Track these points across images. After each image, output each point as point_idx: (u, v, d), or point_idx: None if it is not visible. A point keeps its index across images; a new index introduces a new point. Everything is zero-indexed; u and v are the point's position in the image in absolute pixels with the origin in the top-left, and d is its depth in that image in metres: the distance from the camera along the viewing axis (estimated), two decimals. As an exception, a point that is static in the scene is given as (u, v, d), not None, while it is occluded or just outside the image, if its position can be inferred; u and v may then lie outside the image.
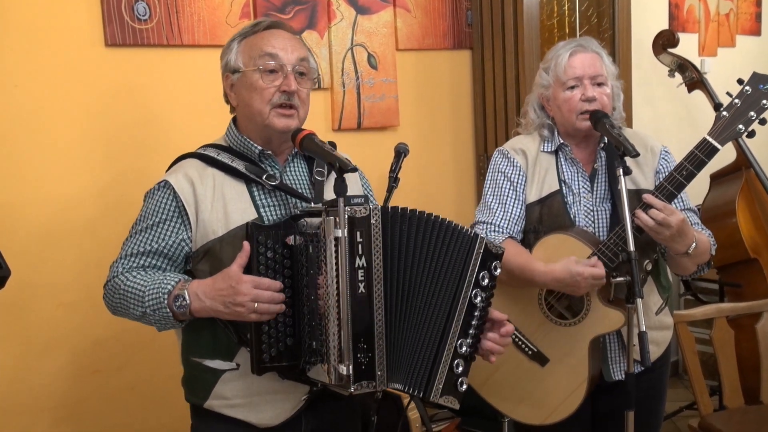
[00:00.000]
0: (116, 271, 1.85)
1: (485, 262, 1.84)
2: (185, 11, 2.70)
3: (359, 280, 1.66)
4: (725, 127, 2.15)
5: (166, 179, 1.86)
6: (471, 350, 1.83)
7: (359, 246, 1.67)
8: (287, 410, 1.86)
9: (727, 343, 2.98)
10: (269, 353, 1.71)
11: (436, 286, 1.79)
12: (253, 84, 1.86)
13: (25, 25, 2.40)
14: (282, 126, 1.86)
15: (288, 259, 1.73)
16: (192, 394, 1.92)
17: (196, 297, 1.73)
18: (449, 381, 1.79)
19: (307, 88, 1.91)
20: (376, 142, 3.29)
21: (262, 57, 1.85)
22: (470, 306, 1.82)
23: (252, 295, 1.67)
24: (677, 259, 2.21)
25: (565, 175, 2.32)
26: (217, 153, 1.90)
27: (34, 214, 2.46)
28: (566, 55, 2.28)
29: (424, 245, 1.78)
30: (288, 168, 1.94)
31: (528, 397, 2.32)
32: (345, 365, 1.64)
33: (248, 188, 1.86)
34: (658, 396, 2.40)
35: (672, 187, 2.13)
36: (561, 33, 3.79)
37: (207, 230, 1.82)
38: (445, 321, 1.80)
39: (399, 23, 3.35)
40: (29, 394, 2.48)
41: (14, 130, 2.41)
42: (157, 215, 1.84)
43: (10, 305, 2.38)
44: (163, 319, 1.77)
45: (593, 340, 2.24)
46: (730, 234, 3.65)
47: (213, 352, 1.84)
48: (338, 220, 1.64)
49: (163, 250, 1.83)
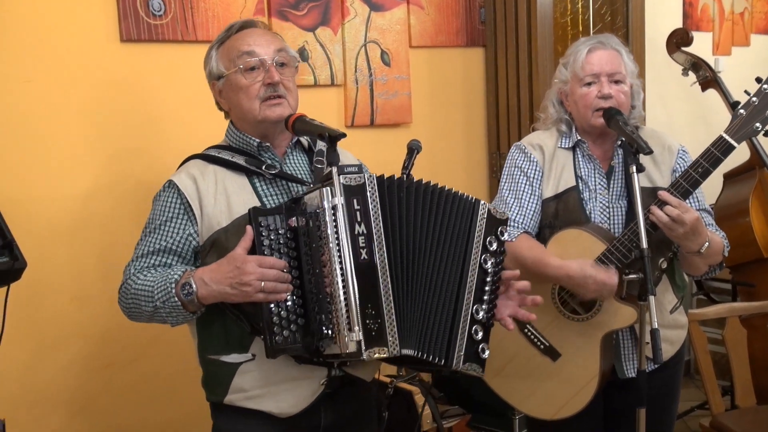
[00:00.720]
0: (128, 273, 1.88)
1: (490, 226, 1.86)
2: (200, 7, 2.71)
3: (360, 246, 1.67)
4: (742, 125, 2.14)
5: (170, 179, 1.91)
6: (488, 315, 1.85)
7: (357, 213, 1.68)
8: (306, 397, 1.87)
9: (739, 342, 2.97)
10: (282, 335, 1.72)
11: (443, 253, 1.81)
12: (238, 84, 1.90)
13: (40, 21, 2.41)
14: (275, 115, 1.89)
15: (292, 240, 1.75)
16: (212, 392, 1.93)
17: (202, 282, 1.75)
18: (470, 348, 1.81)
19: (290, 76, 1.94)
20: (389, 138, 3.29)
21: (241, 57, 1.89)
22: (481, 271, 1.84)
23: (258, 273, 1.69)
24: (689, 258, 2.20)
25: (581, 171, 2.32)
26: (217, 152, 1.95)
27: (48, 209, 2.47)
28: (585, 51, 2.28)
29: (425, 212, 1.80)
30: (287, 159, 1.97)
31: (538, 391, 2.32)
32: (354, 332, 1.64)
33: (250, 180, 1.90)
34: (671, 394, 2.40)
35: (687, 185, 2.13)
36: (574, 31, 3.79)
37: (212, 222, 1.85)
38: (457, 288, 1.82)
39: (412, 20, 3.35)
40: (42, 387, 2.49)
41: (29, 125, 2.42)
42: (164, 214, 1.88)
43: (23, 300, 2.39)
44: (174, 311, 1.78)
45: (605, 336, 2.23)
46: (743, 233, 3.63)
47: (227, 346, 1.86)
48: (334, 189, 1.66)
49: (171, 247, 1.86)
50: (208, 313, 1.83)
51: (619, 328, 2.24)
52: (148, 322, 1.87)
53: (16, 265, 1.76)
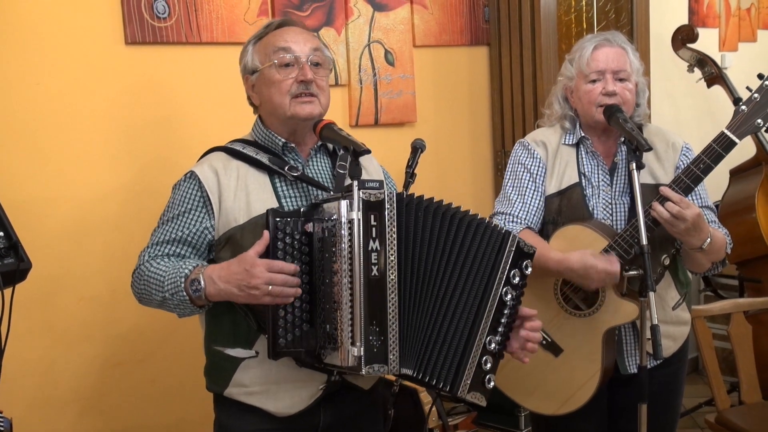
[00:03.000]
0: (143, 258, 1.90)
1: (516, 260, 1.85)
2: (204, 9, 2.74)
3: (372, 262, 1.67)
4: (744, 121, 2.14)
5: (193, 170, 1.91)
6: (500, 347, 1.84)
7: (373, 229, 1.67)
8: (304, 399, 1.88)
9: (744, 338, 2.97)
10: (285, 338, 1.72)
11: (462, 280, 1.80)
12: (271, 79, 1.90)
13: (46, 24, 2.44)
14: (305, 113, 1.89)
15: (306, 245, 1.75)
16: (213, 382, 1.96)
17: (211, 281, 1.75)
18: (477, 377, 1.81)
19: (324, 76, 1.93)
20: (393, 138, 3.30)
21: (276, 52, 1.90)
22: (500, 303, 1.83)
23: (266, 278, 1.68)
24: (692, 255, 2.21)
25: (585, 168, 2.33)
26: (242, 147, 1.95)
27: (58, 210, 2.50)
28: (590, 48, 2.29)
29: (443, 234, 1.79)
30: (311, 161, 1.97)
31: (541, 387, 2.33)
32: (356, 347, 1.64)
33: (271, 180, 1.90)
34: (675, 391, 2.40)
35: (689, 180, 2.13)
36: (579, 29, 3.79)
37: (229, 218, 1.86)
38: (474, 317, 1.81)
39: (416, 20, 3.36)
40: (53, 386, 2.52)
41: (37, 127, 2.45)
42: (183, 205, 1.89)
43: (34, 299, 2.42)
44: (181, 304, 1.80)
45: (607, 331, 2.24)
46: (750, 229, 3.63)
47: (234, 340, 1.87)
48: (352, 203, 1.65)
49: (187, 238, 1.88)
50: (219, 305, 1.84)
51: (620, 324, 2.24)
52: (158, 308, 1.88)
53: (22, 266, 1.76)
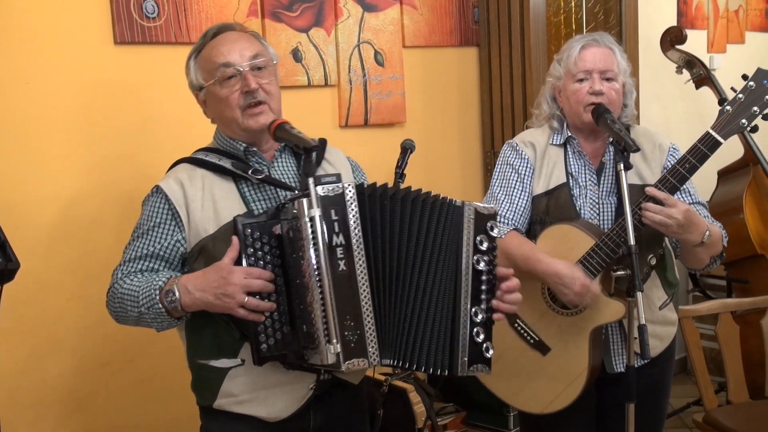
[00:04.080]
0: (116, 277, 1.89)
1: (479, 225, 1.84)
2: (193, 9, 2.73)
3: (339, 257, 1.66)
4: (728, 121, 2.16)
5: (158, 185, 1.91)
6: (487, 315, 1.84)
7: (335, 224, 1.67)
8: (296, 401, 1.88)
9: (732, 338, 2.98)
10: (267, 343, 1.72)
11: (434, 261, 1.80)
12: (218, 96, 1.90)
13: (35, 23, 2.44)
14: (258, 125, 1.88)
15: (277, 248, 1.74)
16: (201, 396, 1.94)
17: (186, 290, 1.74)
18: (473, 351, 1.81)
19: (270, 78, 1.92)
20: (383, 138, 3.31)
21: (217, 69, 1.88)
22: (475, 273, 1.82)
23: (243, 284, 1.68)
24: (693, 251, 2.21)
25: (572, 168, 2.34)
26: (205, 155, 1.94)
27: (45, 210, 2.49)
28: (578, 48, 2.30)
29: (411, 221, 1.78)
30: (276, 163, 1.96)
31: (529, 385, 2.34)
32: (333, 344, 1.64)
33: (237, 185, 1.89)
34: (661, 391, 2.41)
35: (675, 180, 2.15)
36: (568, 30, 3.81)
37: (199, 229, 1.85)
38: (453, 294, 1.81)
39: (406, 20, 3.37)
40: (39, 386, 2.51)
41: (25, 126, 2.44)
42: (152, 219, 1.88)
43: (21, 299, 2.41)
44: (158, 317, 1.79)
45: (594, 330, 2.25)
46: (738, 230, 3.65)
47: (218, 352, 1.86)
48: (310, 200, 1.65)
49: (159, 253, 1.86)
50: (197, 318, 1.83)
51: (607, 323, 2.26)
52: (135, 325, 1.88)
53: (9, 266, 1.76)
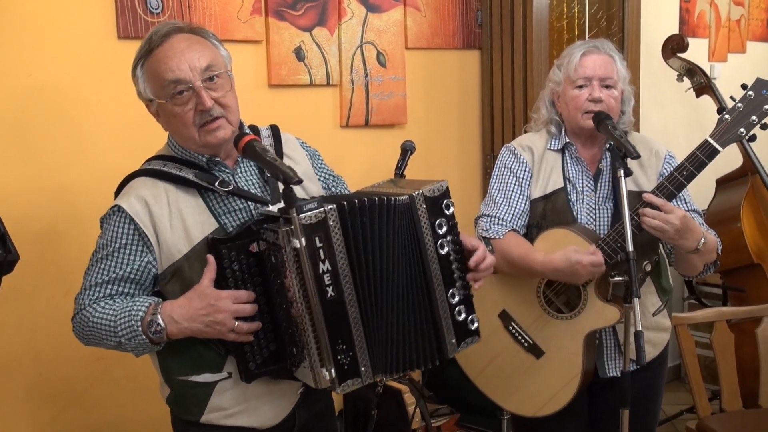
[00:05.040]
0: (82, 303, 1.78)
1: (432, 209, 1.78)
2: (197, 6, 2.74)
3: (326, 284, 1.63)
4: (727, 129, 2.17)
5: (119, 204, 1.78)
6: (464, 291, 1.82)
7: (320, 251, 1.62)
8: (286, 407, 1.87)
9: (727, 346, 2.99)
10: (255, 362, 1.71)
11: (403, 263, 1.76)
12: (171, 113, 1.77)
13: (39, 16, 2.44)
14: (217, 141, 1.78)
15: (255, 267, 1.70)
16: (185, 411, 1.87)
17: (172, 321, 1.68)
18: (459, 330, 1.81)
19: (225, 90, 1.79)
20: (384, 139, 3.32)
21: (168, 86, 1.74)
22: (441, 258, 1.79)
23: (232, 310, 1.65)
24: (686, 257, 2.22)
25: (569, 173, 2.35)
26: (162, 164, 1.82)
27: (44, 202, 2.49)
28: (579, 54, 2.31)
29: (382, 230, 1.73)
30: (239, 169, 1.86)
31: (522, 388, 2.35)
32: (327, 370, 1.63)
33: (203, 198, 1.79)
34: (653, 396, 2.42)
35: (672, 187, 2.16)
36: (570, 35, 3.81)
37: (171, 250, 1.75)
38: (425, 286, 1.78)
39: (409, 22, 3.38)
40: (34, 379, 2.52)
41: (26, 119, 2.45)
42: (116, 241, 1.76)
43: (18, 292, 2.41)
44: (140, 346, 1.73)
45: (588, 334, 2.26)
46: (735, 239, 3.66)
47: (198, 367, 1.80)
48: (294, 230, 1.59)
49: (129, 276, 1.76)
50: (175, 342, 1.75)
51: (602, 327, 2.27)
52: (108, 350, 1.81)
53: (9, 258, 1.77)
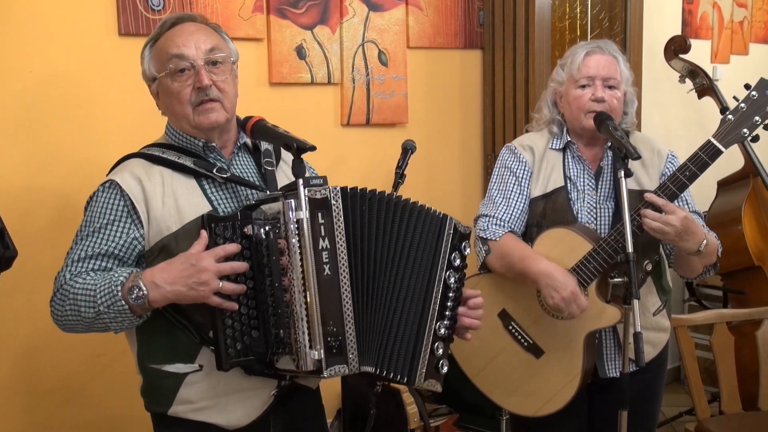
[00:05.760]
0: (63, 279, 1.74)
1: (455, 242, 1.82)
2: (199, 3, 2.74)
3: (324, 261, 1.62)
4: (730, 130, 2.16)
5: (111, 178, 1.78)
6: (449, 332, 1.82)
7: (321, 227, 1.63)
8: (257, 408, 1.82)
9: (726, 348, 2.99)
10: (234, 347, 1.66)
11: (408, 269, 1.76)
12: (169, 89, 1.80)
13: (40, 13, 2.44)
14: (208, 123, 1.80)
15: (248, 249, 1.68)
16: (154, 402, 1.84)
17: (153, 285, 1.65)
18: (431, 364, 1.78)
19: (225, 75, 1.82)
20: (384, 138, 3.32)
21: (170, 60, 1.78)
22: (445, 288, 1.80)
23: (215, 269, 1.62)
24: (687, 259, 2.22)
25: (570, 172, 2.34)
26: (161, 151, 1.84)
27: (46, 198, 2.50)
28: (582, 54, 2.31)
29: (388, 225, 1.74)
30: (234, 160, 1.88)
31: (521, 388, 2.34)
32: (316, 350, 1.60)
33: (198, 183, 1.80)
34: (653, 398, 2.41)
35: (675, 187, 2.15)
36: (572, 35, 3.80)
37: (160, 227, 1.75)
38: (422, 304, 1.78)
39: (411, 21, 3.37)
40: (34, 375, 2.52)
41: (28, 115, 2.45)
42: (104, 216, 1.76)
43: (19, 287, 2.41)
44: (119, 315, 1.67)
45: (588, 334, 2.25)
46: (736, 241, 3.65)
47: (172, 356, 1.77)
48: (299, 202, 1.60)
49: (113, 252, 1.74)
50: (151, 321, 1.74)
51: (602, 328, 2.26)
52: (87, 331, 1.75)
53: (7, 253, 1.77)
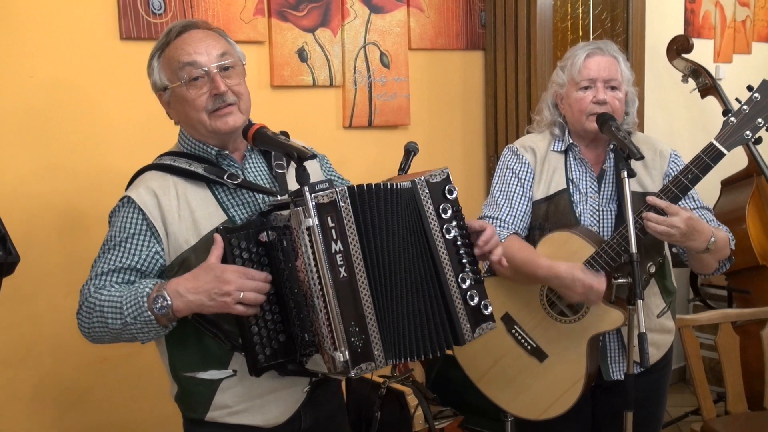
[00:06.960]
0: (88, 292, 1.78)
1: (436, 195, 1.81)
2: (200, 6, 2.74)
3: (339, 264, 1.65)
4: (732, 132, 2.15)
5: (128, 195, 1.81)
6: (475, 276, 1.83)
7: (332, 231, 1.65)
8: (291, 405, 1.86)
9: (731, 348, 2.98)
10: (264, 353, 1.70)
11: (410, 248, 1.77)
12: (184, 98, 1.81)
13: (41, 17, 2.44)
14: (227, 127, 1.82)
15: (264, 256, 1.71)
16: (189, 409, 1.88)
17: (177, 294, 1.67)
18: (473, 315, 1.81)
19: (238, 78, 1.84)
20: (387, 140, 3.31)
21: (183, 69, 1.79)
22: (448, 243, 1.80)
23: (238, 283, 1.64)
24: (699, 258, 2.21)
25: (573, 174, 2.33)
26: (173, 160, 1.86)
27: (48, 203, 2.49)
28: (583, 56, 2.30)
29: (389, 214, 1.76)
30: (246, 164, 1.89)
31: (525, 391, 2.34)
32: (341, 352, 1.63)
33: (212, 191, 1.82)
34: (657, 399, 2.40)
35: (677, 190, 2.14)
36: (574, 36, 3.80)
37: (179, 241, 1.78)
38: (435, 272, 1.79)
39: (412, 23, 3.37)
40: (37, 381, 2.52)
41: (29, 119, 2.44)
42: (125, 231, 1.78)
43: (21, 292, 2.41)
44: (145, 326, 1.70)
45: (592, 338, 2.25)
46: (740, 240, 3.60)
47: (205, 363, 1.81)
48: (306, 210, 1.62)
49: (135, 266, 1.77)
50: (182, 329, 1.77)
51: (606, 331, 2.25)
52: (114, 341, 1.77)
53: (9, 259, 1.77)
